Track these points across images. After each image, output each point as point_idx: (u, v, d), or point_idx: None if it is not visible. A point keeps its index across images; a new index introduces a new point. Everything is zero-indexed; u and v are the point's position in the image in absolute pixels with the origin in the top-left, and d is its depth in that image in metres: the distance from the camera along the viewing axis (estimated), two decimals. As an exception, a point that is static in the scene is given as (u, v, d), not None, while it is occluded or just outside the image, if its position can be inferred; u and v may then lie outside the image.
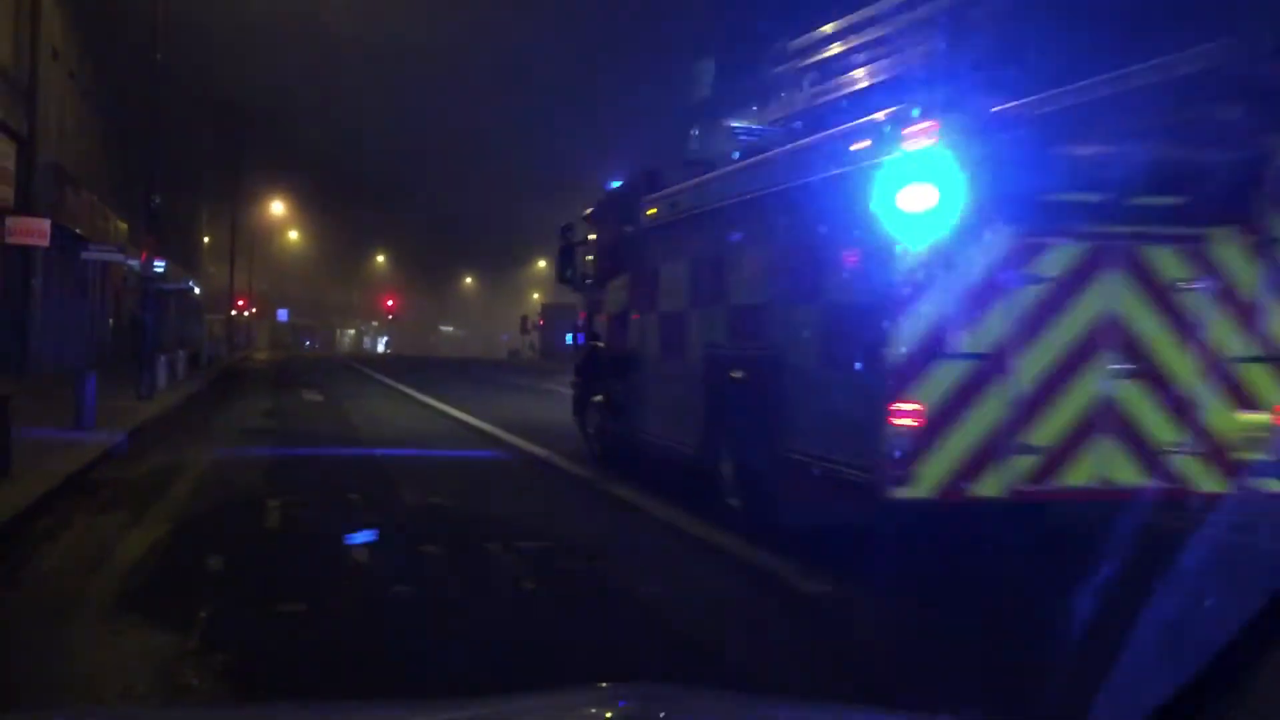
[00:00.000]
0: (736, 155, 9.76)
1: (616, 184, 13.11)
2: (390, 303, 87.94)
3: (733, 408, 8.69)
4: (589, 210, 13.66)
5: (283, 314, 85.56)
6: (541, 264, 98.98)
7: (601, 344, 12.79)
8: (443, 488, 10.59)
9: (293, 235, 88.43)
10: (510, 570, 6.91)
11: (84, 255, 29.88)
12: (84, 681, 4.82)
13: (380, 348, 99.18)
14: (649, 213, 11.21)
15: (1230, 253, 6.81)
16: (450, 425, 18.04)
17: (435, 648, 5.29)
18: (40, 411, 13.95)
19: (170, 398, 20.48)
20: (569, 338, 15.11)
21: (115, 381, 19.11)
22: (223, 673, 4.82)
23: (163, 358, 23.19)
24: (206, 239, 67.67)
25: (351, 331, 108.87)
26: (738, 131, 10.19)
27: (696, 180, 10.41)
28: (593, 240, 13.31)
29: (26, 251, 23.96)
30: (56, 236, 24.41)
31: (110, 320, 37.36)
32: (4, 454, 9.50)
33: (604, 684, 3.35)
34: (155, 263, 22.60)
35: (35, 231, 22.77)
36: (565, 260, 14.10)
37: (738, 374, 8.63)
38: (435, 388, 26.76)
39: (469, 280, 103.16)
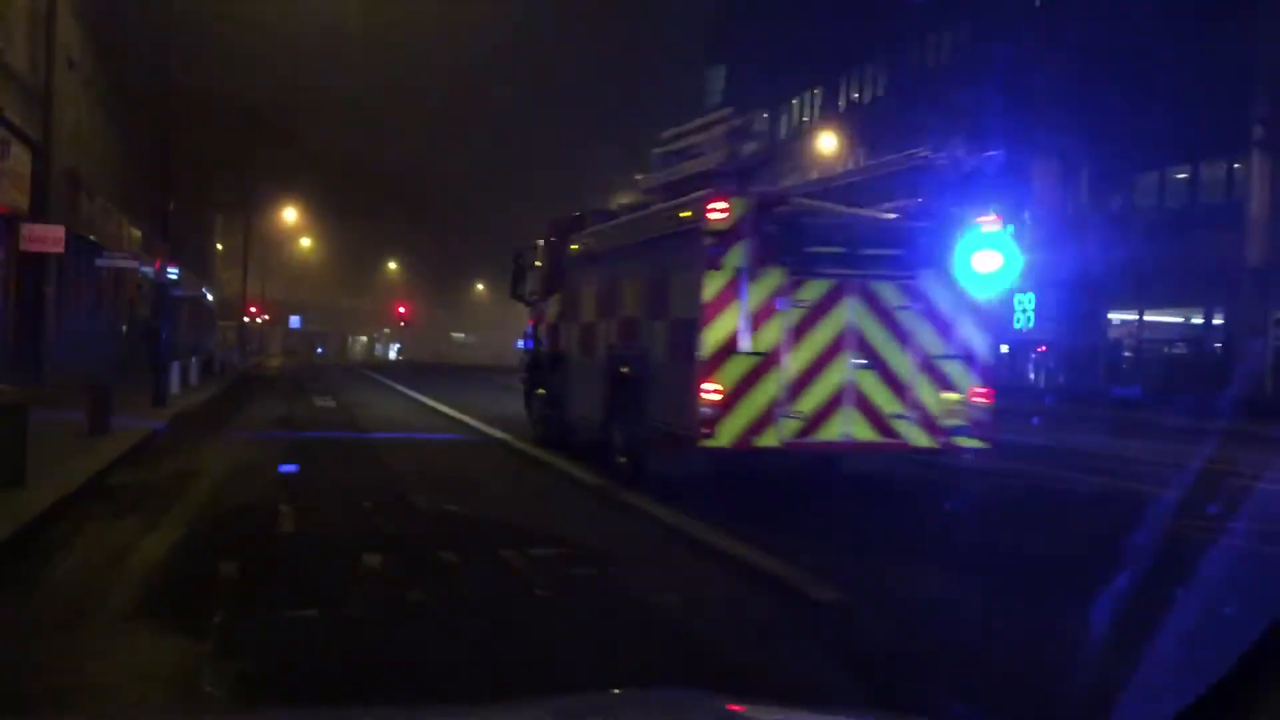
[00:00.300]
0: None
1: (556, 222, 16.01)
2: (403, 310, 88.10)
3: (620, 393, 11.69)
4: (536, 241, 16.35)
5: (295, 321, 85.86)
6: None
7: (542, 348, 15.76)
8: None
9: (305, 242, 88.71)
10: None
11: (98, 262, 30.01)
12: (101, 686, 4.84)
13: (393, 354, 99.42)
14: (573, 248, 14.29)
15: (932, 286, 10.02)
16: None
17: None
18: (55, 418, 14.02)
19: (184, 404, 20.55)
20: (518, 343, 19.45)
21: (130, 388, 19.19)
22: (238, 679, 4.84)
23: (176, 365, 23.28)
24: (220, 246, 67.95)
25: (364, 338, 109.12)
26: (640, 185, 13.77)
27: (600, 227, 13.58)
28: (537, 265, 16.21)
29: (41, 258, 24.08)
30: (71, 243, 24.52)
31: (124, 327, 37.50)
32: (20, 461, 9.54)
33: (617, 689, 3.35)
34: (169, 270, 22.72)
35: (50, 238, 22.89)
36: (516, 279, 17.02)
37: (624, 369, 11.66)
38: (434, 389, 26.86)
39: (480, 287, 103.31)
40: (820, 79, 53.41)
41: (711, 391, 9.51)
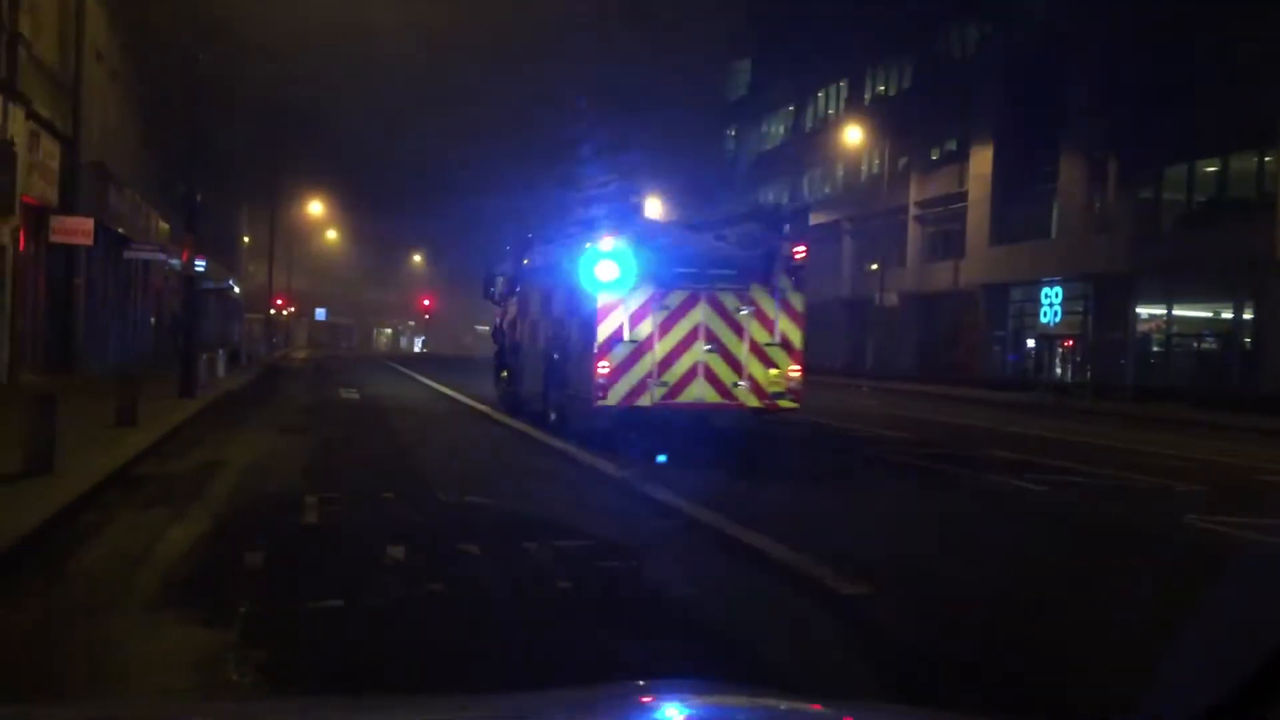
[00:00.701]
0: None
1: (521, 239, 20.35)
2: (426, 302, 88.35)
3: (551, 372, 15.97)
4: (505, 253, 21.20)
5: (321, 313, 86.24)
6: None
7: (505, 340, 20.12)
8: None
9: (331, 235, 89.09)
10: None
11: (126, 254, 30.24)
12: (128, 673, 4.88)
13: (417, 347, 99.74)
14: (525, 261, 19.01)
15: (761, 295, 14.07)
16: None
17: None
18: (84, 409, 14.14)
19: (211, 396, 20.69)
20: (492, 337, 22.94)
21: (157, 379, 19.34)
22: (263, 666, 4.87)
23: (203, 356, 23.43)
24: (246, 238, 68.32)
25: (388, 330, 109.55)
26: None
27: (540, 248, 18.16)
28: (503, 272, 20.83)
29: (70, 250, 24.29)
30: (100, 235, 24.71)
31: (152, 319, 37.78)
32: (48, 451, 9.64)
33: (641, 681, 3.35)
34: (196, 262, 22.84)
35: (79, 230, 23.09)
36: (488, 283, 21.55)
37: (555, 355, 15.75)
38: (452, 379, 26.89)
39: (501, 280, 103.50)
40: (846, 72, 53.15)
41: (602, 368, 13.65)
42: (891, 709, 3.04)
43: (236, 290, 61.06)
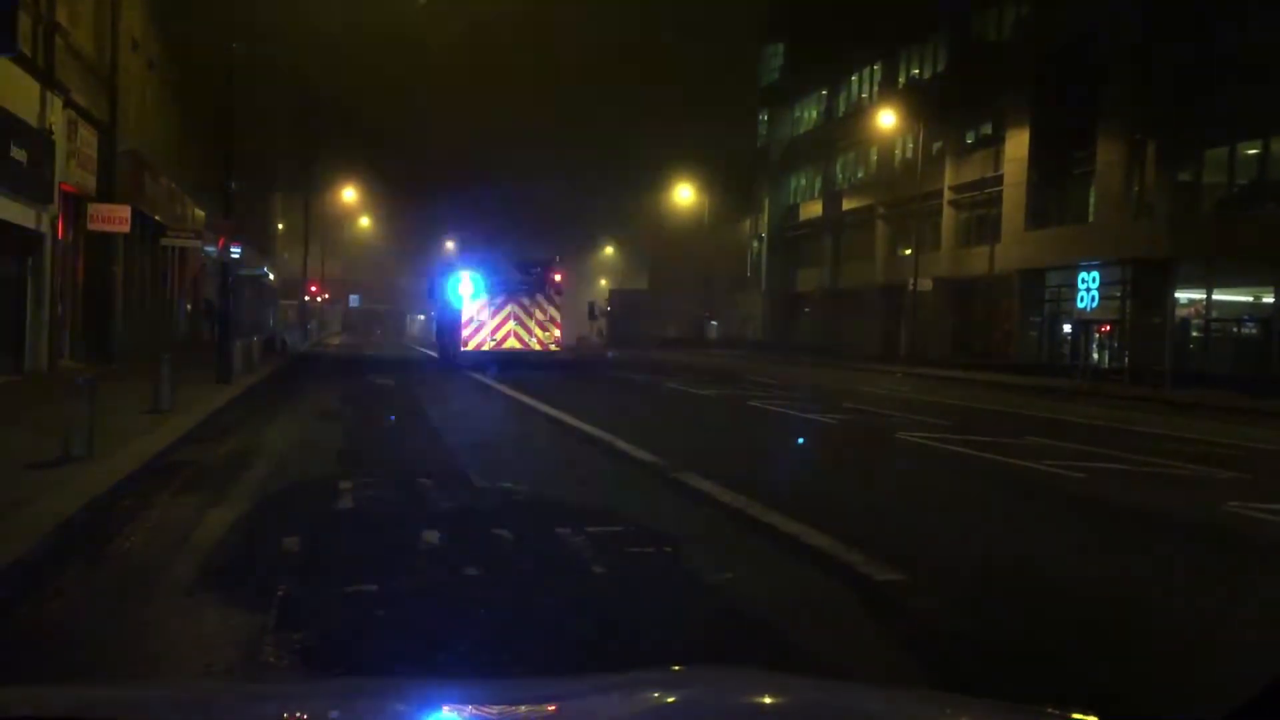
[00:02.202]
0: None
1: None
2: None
3: (443, 335, 37.80)
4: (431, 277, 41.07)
5: (354, 299, 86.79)
6: (609, 250, 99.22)
7: (434, 321, 43.17)
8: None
9: (364, 222, 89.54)
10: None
11: (163, 241, 30.53)
12: (167, 656, 4.93)
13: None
14: (448, 275, 35.85)
15: (540, 299, 33.35)
16: (489, 391, 18.68)
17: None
18: (122, 395, 14.30)
19: (247, 382, 20.87)
20: (433, 325, 43.83)
21: (194, 366, 19.52)
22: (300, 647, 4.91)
23: (239, 343, 23.63)
24: (281, 225, 68.76)
25: (420, 317, 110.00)
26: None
27: (440, 275, 38.11)
28: (437, 279, 38.42)
29: (108, 238, 24.53)
30: (137, 223, 24.95)
31: (188, 306, 38.13)
32: (89, 437, 9.75)
33: (676, 666, 3.34)
34: (232, 249, 23.02)
35: (117, 218, 23.31)
36: (430, 288, 39.29)
37: (448, 327, 35.80)
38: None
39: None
40: (879, 55, 52.76)
41: (466, 334, 32.73)
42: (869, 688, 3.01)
43: (271, 277, 61.51)
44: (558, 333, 33.78)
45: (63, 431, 9.75)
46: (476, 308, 32.55)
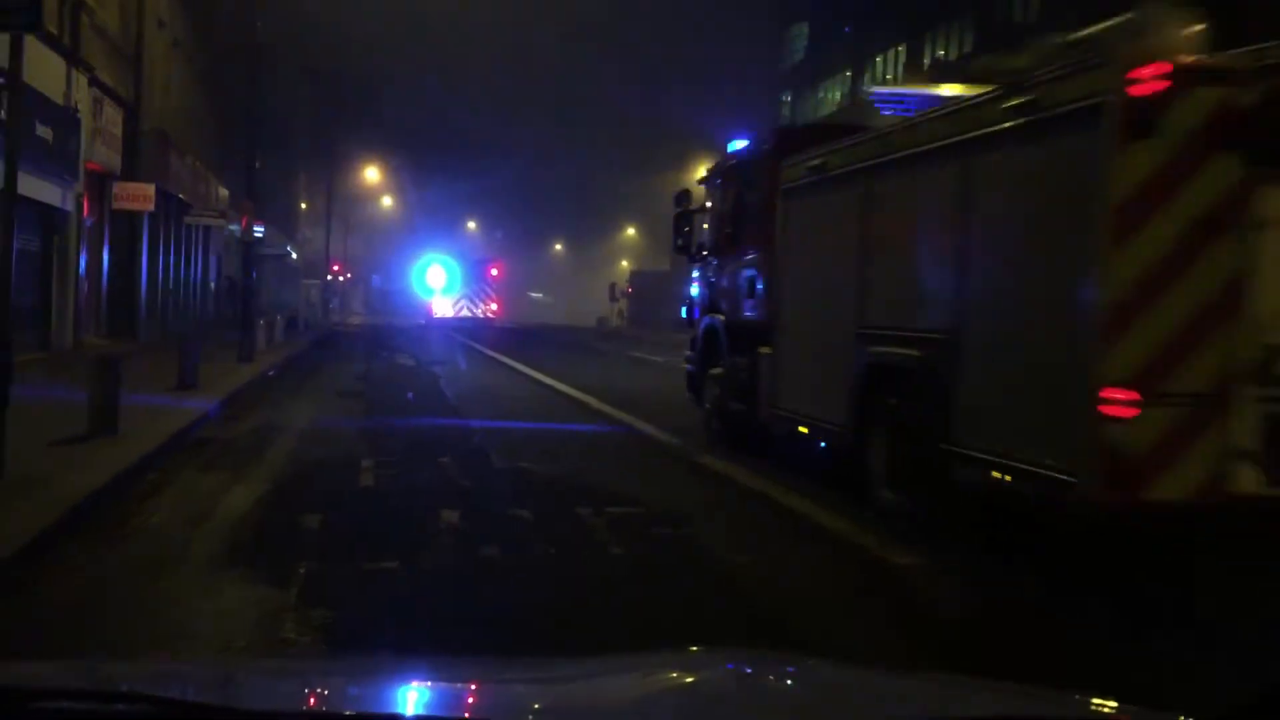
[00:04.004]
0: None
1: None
2: (495, 271, 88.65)
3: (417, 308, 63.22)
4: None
5: (377, 279, 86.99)
6: (630, 231, 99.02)
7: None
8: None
9: (386, 201, 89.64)
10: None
11: (187, 220, 30.64)
12: (189, 631, 4.97)
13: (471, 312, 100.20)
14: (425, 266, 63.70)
15: (483, 283, 60.72)
16: (516, 375, 18.70)
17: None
18: (147, 372, 14.40)
19: (270, 360, 20.97)
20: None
21: (217, 344, 19.63)
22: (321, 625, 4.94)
23: (262, 321, 23.74)
24: (303, 205, 68.92)
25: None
26: None
27: (408, 263, 68.79)
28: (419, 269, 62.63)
29: (133, 216, 24.66)
30: (161, 201, 25.06)
31: (212, 284, 38.31)
32: (112, 414, 9.82)
33: (695, 648, 3.35)
34: (255, 227, 23.08)
35: (141, 196, 23.42)
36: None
37: (427, 305, 61.70)
38: (503, 347, 27.13)
39: (559, 247, 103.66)
40: (904, 35, 52.33)
41: (438, 304, 60.29)
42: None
43: (294, 256, 61.72)
44: (495, 306, 59.12)
45: (88, 408, 9.83)
46: (440, 290, 58.69)
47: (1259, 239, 5.63)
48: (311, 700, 2.06)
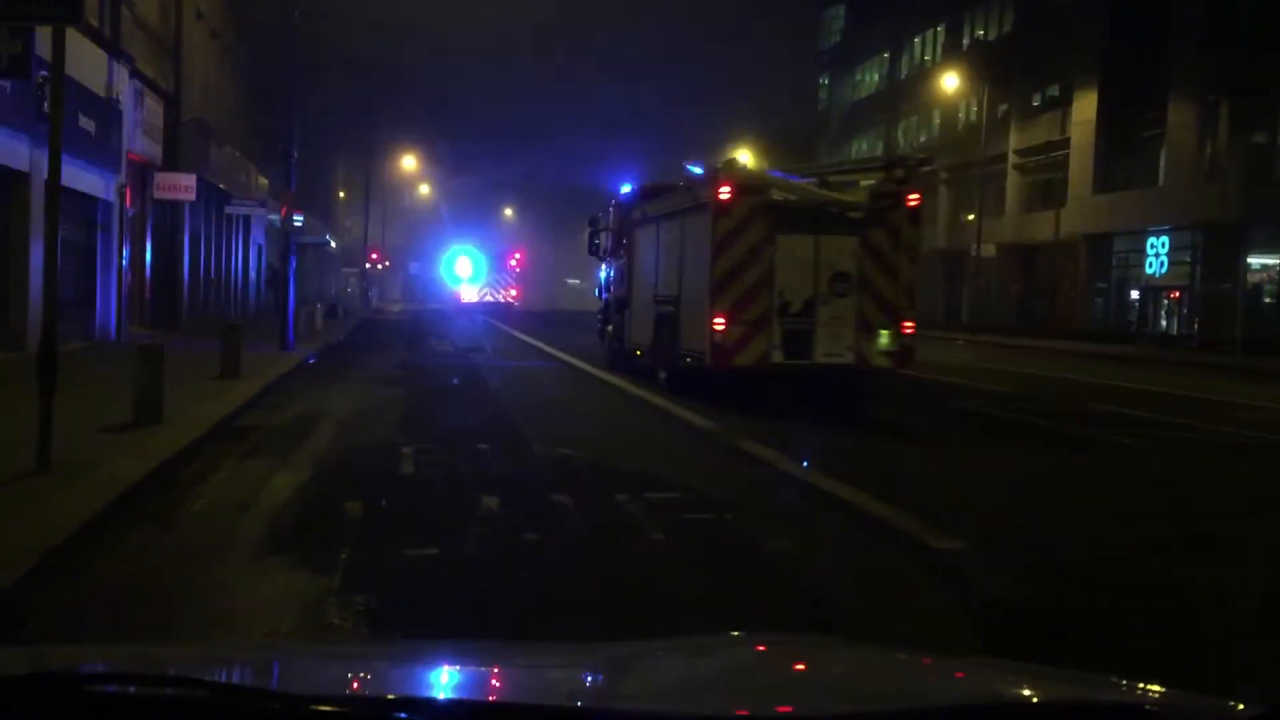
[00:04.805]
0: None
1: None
2: (517, 257, 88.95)
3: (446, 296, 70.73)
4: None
5: (414, 266, 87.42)
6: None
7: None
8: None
9: (424, 189, 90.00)
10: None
11: (228, 209, 30.94)
12: (235, 616, 5.03)
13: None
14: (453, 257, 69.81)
15: (503, 272, 68.13)
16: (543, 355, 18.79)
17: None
18: (190, 361, 14.56)
19: (309, 348, 21.14)
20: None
21: (258, 333, 19.81)
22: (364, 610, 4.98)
23: (302, 310, 23.93)
24: (341, 194, 69.36)
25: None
26: None
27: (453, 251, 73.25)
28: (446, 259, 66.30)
29: (174, 206, 24.92)
30: (202, 191, 25.30)
31: (252, 273, 38.66)
32: (157, 402, 9.94)
33: (736, 632, 3.34)
34: (295, 216, 23.26)
35: (182, 187, 23.67)
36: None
37: (447, 295, 69.60)
38: (541, 332, 27.23)
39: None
40: (943, 16, 51.79)
41: (465, 292, 66.25)
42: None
43: (333, 245, 62.15)
44: (514, 292, 64.23)
45: (132, 396, 9.95)
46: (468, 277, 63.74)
47: (776, 255, 13.51)
48: (355, 684, 2.07)
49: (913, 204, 14.06)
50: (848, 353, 13.63)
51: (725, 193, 13.36)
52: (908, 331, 13.83)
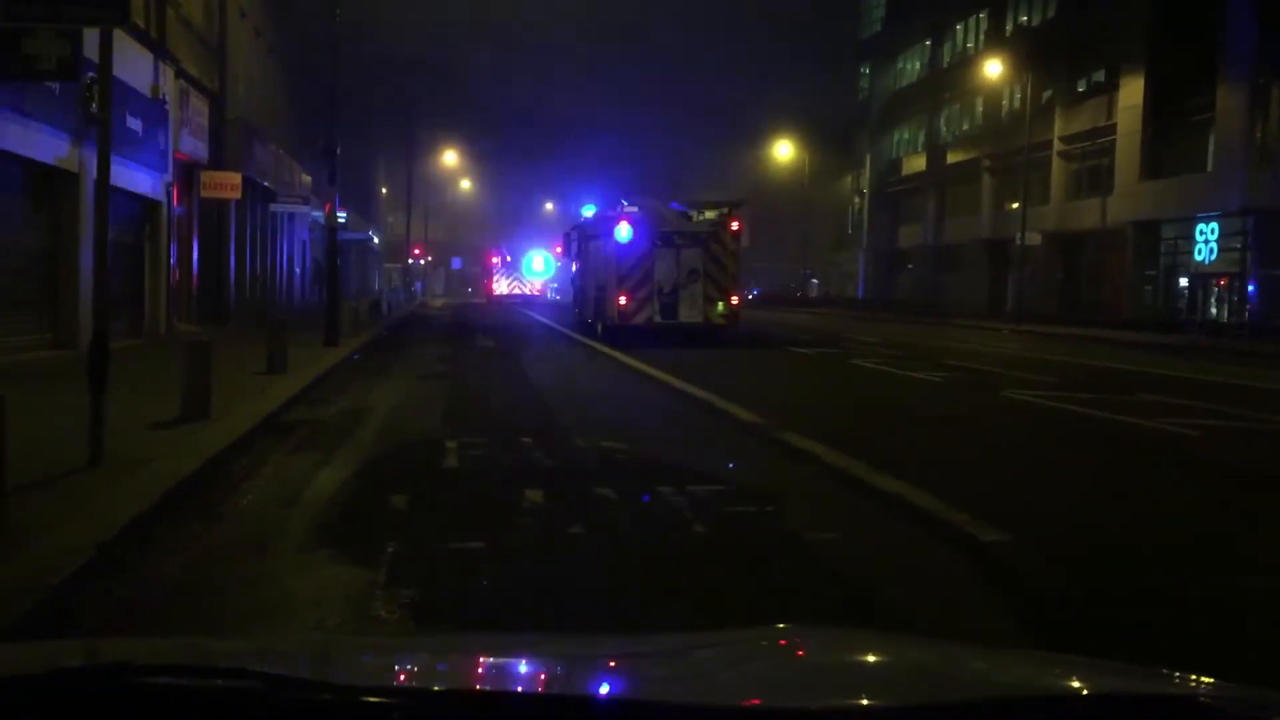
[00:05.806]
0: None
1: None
2: (559, 249, 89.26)
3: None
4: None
5: (456, 262, 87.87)
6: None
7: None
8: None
9: (465, 185, 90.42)
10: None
11: (272, 207, 31.26)
12: (282, 610, 5.09)
13: (549, 294, 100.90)
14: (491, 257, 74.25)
15: (531, 265, 69.30)
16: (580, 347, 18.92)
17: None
18: (236, 357, 14.73)
19: (354, 344, 21.31)
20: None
21: (303, 329, 20.00)
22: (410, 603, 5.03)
23: (346, 306, 24.13)
24: (384, 190, 69.86)
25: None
26: None
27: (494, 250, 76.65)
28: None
29: (220, 204, 25.21)
30: (247, 189, 25.57)
31: (297, 270, 39.04)
32: (205, 398, 10.08)
33: (782, 624, 3.33)
34: (339, 213, 23.48)
35: (228, 185, 23.94)
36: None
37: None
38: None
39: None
40: (986, 2, 51.23)
41: (496, 286, 67.01)
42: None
43: (376, 240, 62.64)
44: (538, 286, 67.93)
45: (181, 392, 10.09)
46: (501, 271, 66.87)
47: (655, 258, 24.58)
48: (402, 676, 2.09)
49: (735, 229, 25.01)
50: (699, 316, 24.47)
51: (623, 226, 24.59)
52: (735, 304, 25.00)
